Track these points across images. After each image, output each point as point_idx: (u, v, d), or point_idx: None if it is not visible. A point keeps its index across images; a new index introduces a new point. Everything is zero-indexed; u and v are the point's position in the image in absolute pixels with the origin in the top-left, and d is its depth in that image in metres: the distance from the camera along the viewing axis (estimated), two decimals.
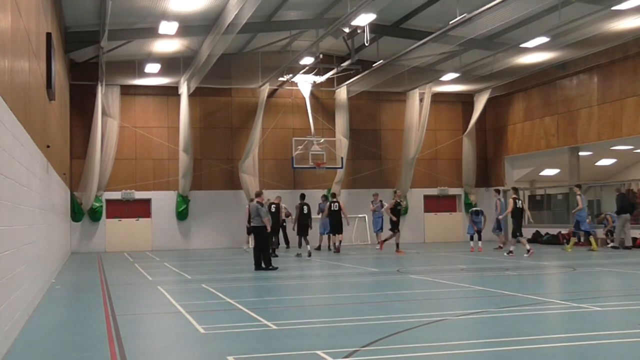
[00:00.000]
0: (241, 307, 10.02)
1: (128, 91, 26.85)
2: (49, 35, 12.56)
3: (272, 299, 11.73)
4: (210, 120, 28.01)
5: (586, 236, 22.93)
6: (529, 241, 27.47)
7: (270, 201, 21.50)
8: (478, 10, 17.66)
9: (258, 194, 17.52)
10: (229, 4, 18.72)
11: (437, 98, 29.64)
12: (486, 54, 24.96)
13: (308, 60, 24.76)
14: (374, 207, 25.55)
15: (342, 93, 28.74)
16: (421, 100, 29.09)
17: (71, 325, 9.15)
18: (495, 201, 23.87)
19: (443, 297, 11.43)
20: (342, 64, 25.55)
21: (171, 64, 25.60)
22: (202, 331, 8.08)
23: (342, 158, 28.14)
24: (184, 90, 26.43)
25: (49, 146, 13.35)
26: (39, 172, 11.50)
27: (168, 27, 19.96)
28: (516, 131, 29.49)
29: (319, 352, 6.65)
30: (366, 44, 20.93)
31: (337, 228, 23.33)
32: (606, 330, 7.96)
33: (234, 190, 27.69)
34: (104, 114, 25.95)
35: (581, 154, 27.00)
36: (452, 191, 30.82)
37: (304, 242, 21.82)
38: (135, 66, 25.61)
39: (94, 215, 26.24)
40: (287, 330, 8.08)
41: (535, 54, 23.46)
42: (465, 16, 18.12)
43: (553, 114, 27.24)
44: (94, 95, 25.45)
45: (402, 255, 21.40)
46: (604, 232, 24.38)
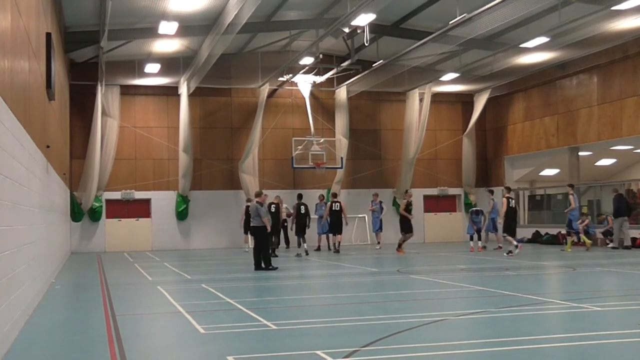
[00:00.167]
0: (241, 307, 10.02)
1: (128, 91, 26.85)
2: (48, 35, 12.56)
3: (272, 299, 11.73)
4: (210, 120, 28.02)
5: (576, 236, 22.95)
6: (529, 241, 27.68)
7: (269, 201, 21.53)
8: (478, 10, 17.67)
9: (258, 194, 17.53)
10: (229, 4, 18.72)
11: (437, 98, 29.64)
12: (486, 54, 24.96)
13: (308, 60, 24.75)
14: (373, 207, 25.56)
15: (342, 93, 28.73)
16: (421, 100, 29.08)
17: (71, 325, 9.15)
18: (489, 201, 23.93)
19: (443, 297, 11.43)
20: (342, 64, 25.54)
21: (171, 64, 25.61)
22: (202, 331, 8.08)
23: (342, 158, 28.13)
24: (183, 90, 26.43)
25: (48, 146, 13.35)
26: (39, 172, 11.50)
27: (168, 27, 19.97)
28: (516, 131, 29.49)
29: (319, 352, 6.65)
30: (366, 44, 20.93)
31: (337, 228, 23.33)
32: (606, 330, 7.96)
33: (234, 190, 27.70)
34: (103, 114, 25.96)
35: (581, 154, 27.00)
36: (452, 191, 30.83)
37: (302, 241, 21.91)
38: (135, 66, 25.61)
39: (94, 215, 26.24)
40: (287, 330, 8.08)
41: (535, 54, 23.46)
42: (465, 16, 18.12)
43: (553, 114, 27.24)
44: (94, 95, 25.45)
45: (402, 255, 21.40)
46: (601, 232, 24.38)
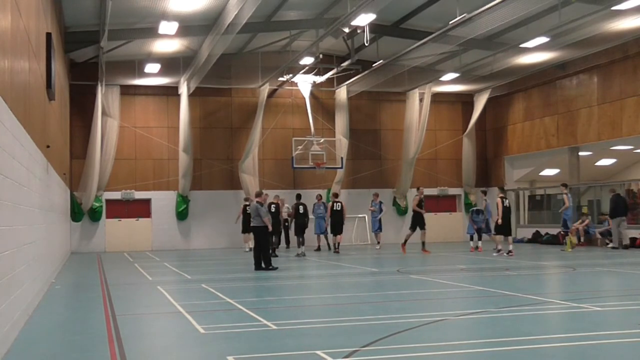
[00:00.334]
0: (241, 307, 10.02)
1: (128, 91, 26.85)
2: (49, 35, 12.56)
3: (272, 299, 11.73)
4: (210, 120, 28.01)
5: (564, 235, 22.92)
6: (529, 241, 27.70)
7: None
8: (478, 10, 17.66)
9: (258, 194, 17.53)
10: (229, 4, 18.72)
11: (437, 98, 29.64)
12: (486, 54, 24.96)
13: (308, 60, 24.74)
14: (373, 207, 25.54)
15: (342, 93, 28.72)
16: (421, 100, 29.08)
17: (71, 325, 9.15)
18: (482, 202, 23.89)
19: (443, 297, 11.43)
20: (342, 64, 25.54)
21: (171, 64, 25.60)
22: (202, 331, 8.08)
23: (342, 158, 28.13)
24: (183, 90, 26.43)
25: (49, 146, 13.35)
26: (39, 172, 11.50)
27: (168, 27, 19.97)
28: (516, 131, 29.48)
29: (319, 352, 6.65)
30: (366, 44, 20.93)
31: (337, 228, 23.31)
32: (606, 330, 7.96)
33: (234, 190, 27.69)
34: (104, 114, 25.96)
35: (581, 154, 27.00)
36: (452, 191, 30.83)
37: (301, 242, 21.97)
38: (135, 66, 25.61)
39: (94, 215, 26.24)
40: (287, 330, 8.08)
41: (535, 54, 23.46)
42: (465, 16, 18.12)
43: (553, 114, 27.23)
44: (94, 95, 25.45)
45: (404, 254, 21.40)
46: (599, 232, 24.36)
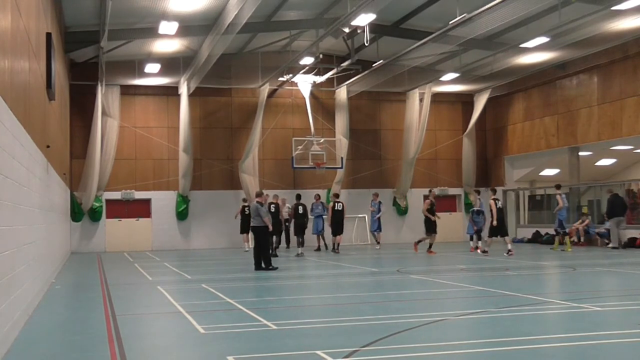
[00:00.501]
0: (241, 307, 10.02)
1: (128, 91, 26.85)
2: (49, 35, 12.56)
3: (272, 299, 11.73)
4: (210, 120, 28.01)
5: (554, 235, 22.91)
6: (529, 241, 27.69)
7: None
8: (478, 10, 17.66)
9: (258, 194, 17.53)
10: (229, 4, 18.72)
11: (437, 98, 29.63)
12: (486, 54, 24.96)
13: (308, 60, 24.74)
14: (372, 207, 25.54)
15: (342, 93, 28.72)
16: (421, 100, 29.08)
17: (71, 325, 9.15)
18: (476, 201, 23.93)
19: (443, 297, 11.43)
20: (342, 64, 25.53)
21: (171, 64, 25.60)
22: (202, 331, 8.08)
23: (342, 158, 28.13)
24: (184, 90, 26.43)
25: (49, 146, 13.35)
26: (39, 172, 11.50)
27: (168, 27, 19.97)
28: (516, 131, 29.48)
29: (319, 352, 6.65)
30: (366, 44, 20.93)
31: (338, 228, 23.30)
32: (606, 330, 7.96)
33: (234, 190, 27.68)
34: (104, 114, 25.95)
35: (581, 154, 27.00)
36: (452, 191, 30.82)
37: (301, 242, 22.04)
38: (135, 66, 25.61)
39: (94, 215, 26.24)
40: (287, 330, 8.08)
41: (535, 54, 23.45)
42: (465, 16, 18.12)
43: (553, 114, 27.23)
44: (94, 95, 25.45)
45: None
46: (597, 232, 24.36)
